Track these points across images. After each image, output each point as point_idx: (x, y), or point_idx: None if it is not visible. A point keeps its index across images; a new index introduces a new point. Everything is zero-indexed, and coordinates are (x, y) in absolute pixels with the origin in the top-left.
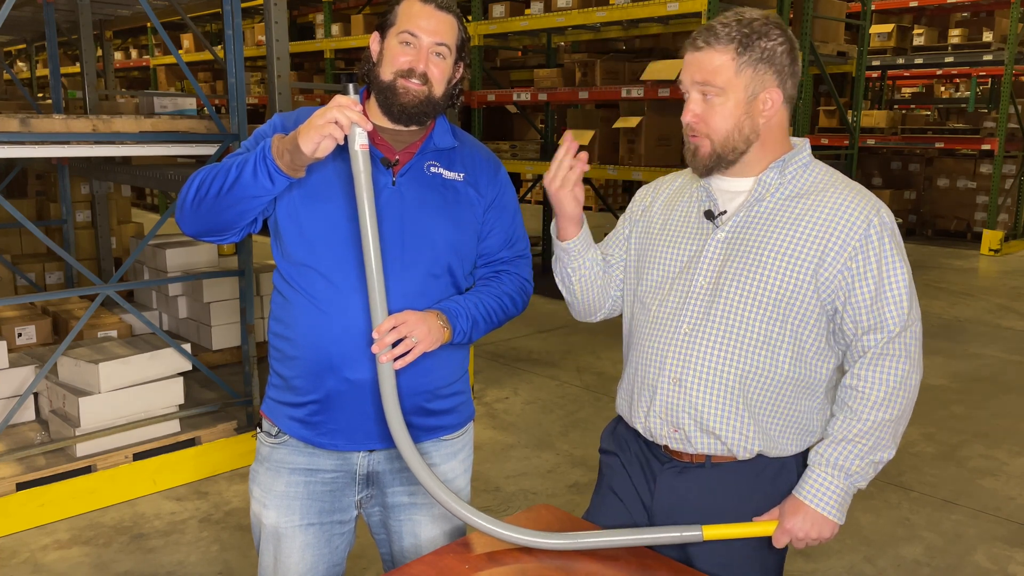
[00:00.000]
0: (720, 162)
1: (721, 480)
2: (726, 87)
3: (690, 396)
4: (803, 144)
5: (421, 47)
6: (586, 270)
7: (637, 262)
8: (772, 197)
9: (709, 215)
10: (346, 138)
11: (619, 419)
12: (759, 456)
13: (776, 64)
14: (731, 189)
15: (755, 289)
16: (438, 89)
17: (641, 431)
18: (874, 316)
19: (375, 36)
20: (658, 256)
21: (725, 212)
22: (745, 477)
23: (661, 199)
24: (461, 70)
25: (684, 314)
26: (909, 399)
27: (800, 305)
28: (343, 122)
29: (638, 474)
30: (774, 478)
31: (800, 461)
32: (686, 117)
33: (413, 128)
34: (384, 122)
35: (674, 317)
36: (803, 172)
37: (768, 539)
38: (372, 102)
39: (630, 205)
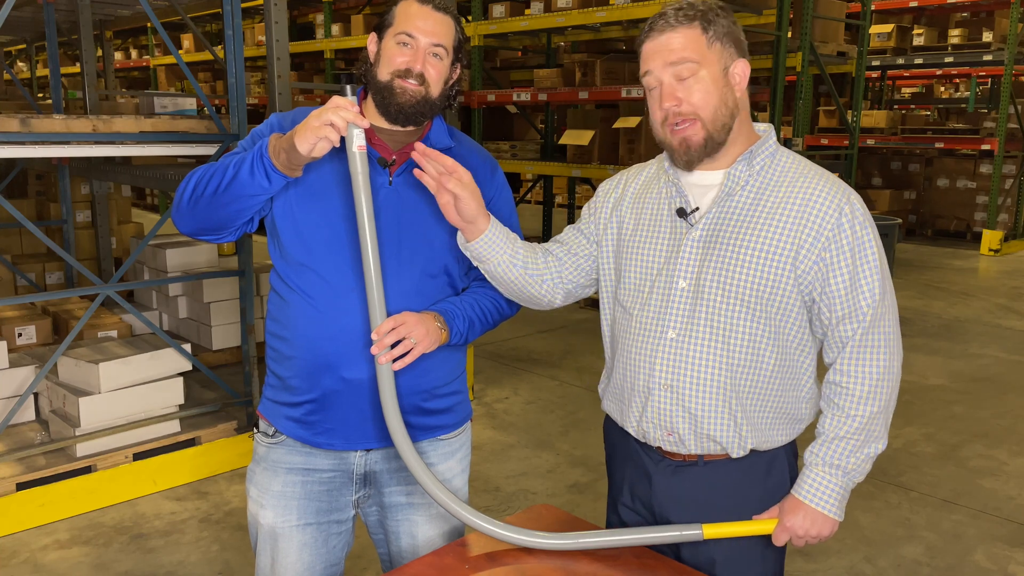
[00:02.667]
0: (712, 146)
1: (716, 477)
2: (702, 60)
3: (684, 402)
4: (768, 131)
5: (418, 48)
6: (502, 270)
7: (615, 263)
8: (743, 191)
9: (681, 213)
10: (343, 139)
11: (608, 418)
12: (752, 452)
13: (735, 39)
14: (701, 183)
15: (736, 289)
16: (435, 89)
17: (634, 434)
18: (849, 304)
19: (372, 37)
20: (634, 257)
21: (698, 209)
22: (738, 472)
23: (629, 196)
24: (458, 71)
25: (668, 319)
26: (893, 387)
27: (781, 300)
28: (339, 124)
29: (633, 474)
30: (767, 470)
31: (789, 450)
32: (667, 104)
33: (410, 128)
34: (381, 122)
35: (658, 322)
36: (771, 162)
37: (769, 537)
38: (369, 102)
39: (594, 199)
